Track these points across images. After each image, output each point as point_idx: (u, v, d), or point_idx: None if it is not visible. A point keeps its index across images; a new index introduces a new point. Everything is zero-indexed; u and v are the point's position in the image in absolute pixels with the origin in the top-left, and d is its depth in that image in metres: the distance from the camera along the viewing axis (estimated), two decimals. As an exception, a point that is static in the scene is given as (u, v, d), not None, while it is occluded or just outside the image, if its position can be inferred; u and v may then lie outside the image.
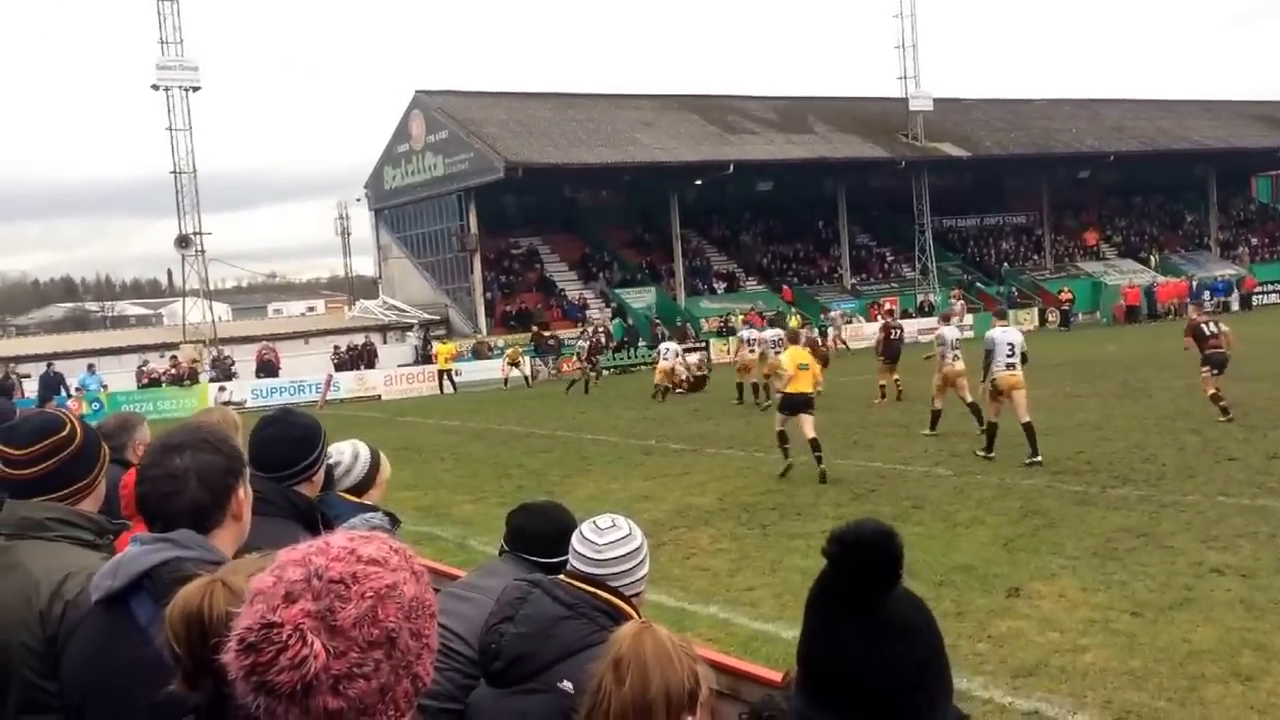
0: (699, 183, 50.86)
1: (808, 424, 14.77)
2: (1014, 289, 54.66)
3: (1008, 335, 15.70)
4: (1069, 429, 17.30)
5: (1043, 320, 51.08)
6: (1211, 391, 17.31)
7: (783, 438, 15.11)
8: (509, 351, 40.31)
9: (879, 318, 45.25)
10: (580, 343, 37.22)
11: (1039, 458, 14.43)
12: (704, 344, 42.69)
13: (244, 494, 2.57)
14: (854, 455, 16.39)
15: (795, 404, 14.99)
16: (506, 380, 38.82)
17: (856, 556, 1.69)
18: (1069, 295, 52.32)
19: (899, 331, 24.88)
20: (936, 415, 18.04)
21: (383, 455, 4.50)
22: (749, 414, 23.23)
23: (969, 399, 17.72)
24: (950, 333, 18.82)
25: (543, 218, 52.37)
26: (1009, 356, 15.16)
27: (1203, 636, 7.13)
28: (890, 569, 1.70)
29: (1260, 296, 54.57)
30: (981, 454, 15.29)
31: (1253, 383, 21.43)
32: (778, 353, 20.04)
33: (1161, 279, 55.58)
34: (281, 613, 1.39)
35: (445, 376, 38.92)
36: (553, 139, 47.45)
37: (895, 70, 54.39)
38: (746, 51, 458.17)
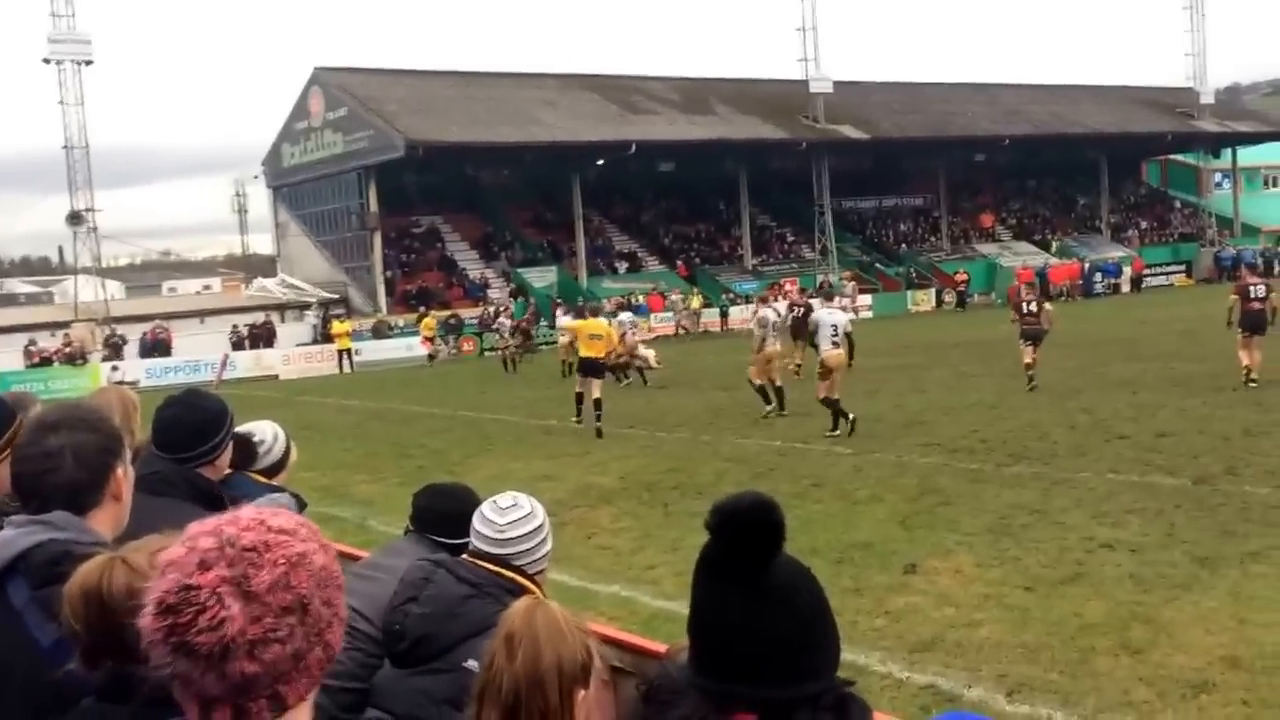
0: (601, 163, 50.77)
1: (595, 386, 17.61)
2: (912, 270, 55.55)
3: (832, 317, 16.72)
4: (964, 408, 17.60)
5: (939, 301, 52.02)
6: (1026, 361, 19.33)
7: (579, 398, 18.00)
8: (424, 324, 39.84)
9: (779, 298, 45.65)
10: (503, 320, 36.57)
11: (837, 431, 15.56)
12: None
13: (123, 474, 2.51)
14: (754, 434, 16.48)
15: (585, 368, 17.88)
16: (433, 356, 38.48)
17: (737, 527, 1.72)
18: (965, 276, 53.34)
19: (804, 310, 25.08)
20: (768, 392, 18.31)
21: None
22: (649, 394, 23.25)
23: (777, 381, 18.46)
24: (769, 314, 19.40)
25: (444, 197, 51.81)
26: (833, 336, 16.14)
27: (1093, 610, 7.27)
28: (770, 538, 1.73)
29: (1149, 279, 56.17)
30: (830, 434, 15.71)
31: (1143, 362, 22.06)
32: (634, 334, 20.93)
33: (1055, 261, 56.94)
34: (197, 577, 1.42)
35: (345, 356, 38.38)
36: (454, 117, 46.92)
37: (796, 52, 54.86)
38: (648, 31, 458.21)
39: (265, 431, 4.32)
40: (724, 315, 46.74)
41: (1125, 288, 54.23)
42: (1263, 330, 17.80)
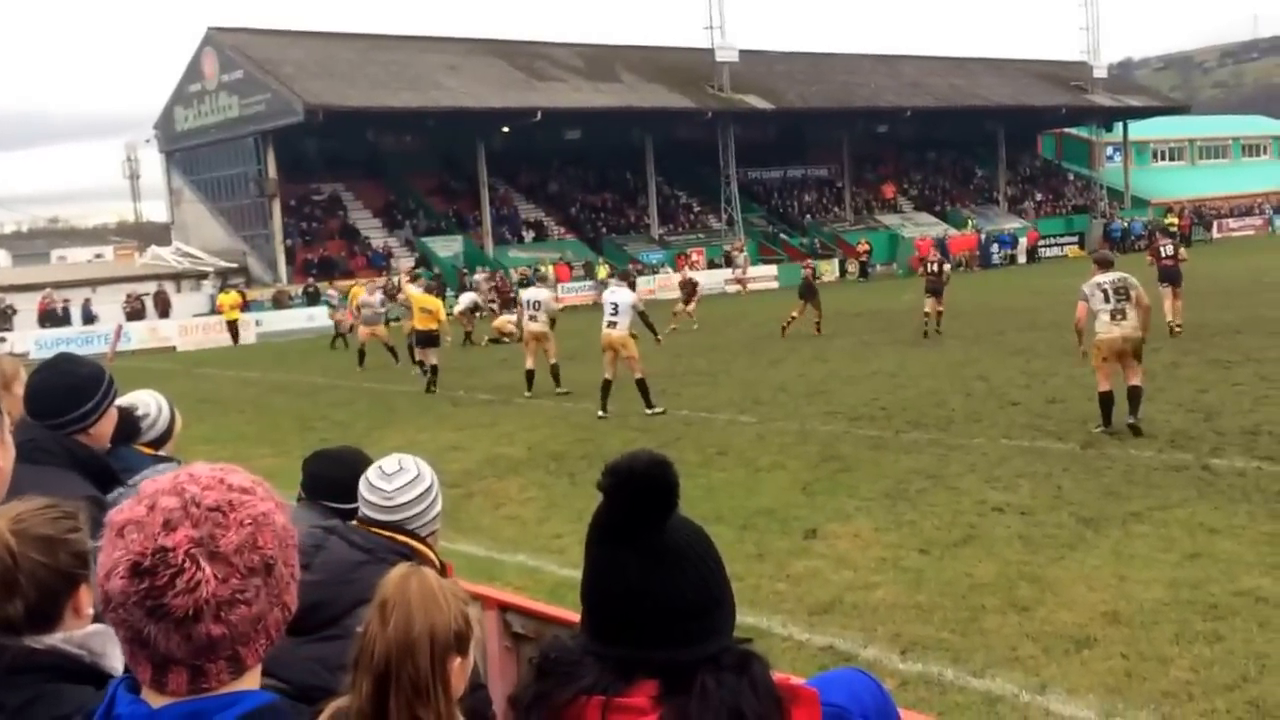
0: (506, 130, 50.35)
1: (431, 354, 19.86)
2: (816, 240, 56.19)
3: (612, 295, 16.66)
4: (866, 377, 17.95)
5: (843, 271, 52.72)
6: (926, 311, 23.17)
7: (421, 365, 20.26)
8: (354, 292, 38.23)
9: (686, 269, 45.94)
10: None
11: (602, 413, 15.63)
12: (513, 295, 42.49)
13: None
14: (660, 404, 16.61)
15: (420, 339, 20.05)
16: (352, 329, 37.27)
17: (630, 488, 1.68)
18: (867, 247, 54.11)
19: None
20: (539, 374, 18.46)
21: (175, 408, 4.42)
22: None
23: (553, 360, 18.54)
24: (529, 293, 19.54)
25: (345, 163, 50.95)
26: (611, 315, 16.00)
27: (984, 571, 7.53)
28: (664, 499, 1.69)
29: (1044, 250, 57.54)
30: (601, 414, 15.67)
31: (1038, 331, 22.64)
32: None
33: (954, 232, 58.03)
34: (166, 538, 1.41)
35: (234, 326, 37.57)
36: (355, 81, 46.09)
37: (702, 20, 54.92)
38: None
39: (147, 403, 4.22)
40: (631, 286, 46.78)
41: (1021, 258, 55.47)
42: (1178, 282, 20.53)
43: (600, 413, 15.64)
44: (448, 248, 48.39)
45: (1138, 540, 7.98)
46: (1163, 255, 21.84)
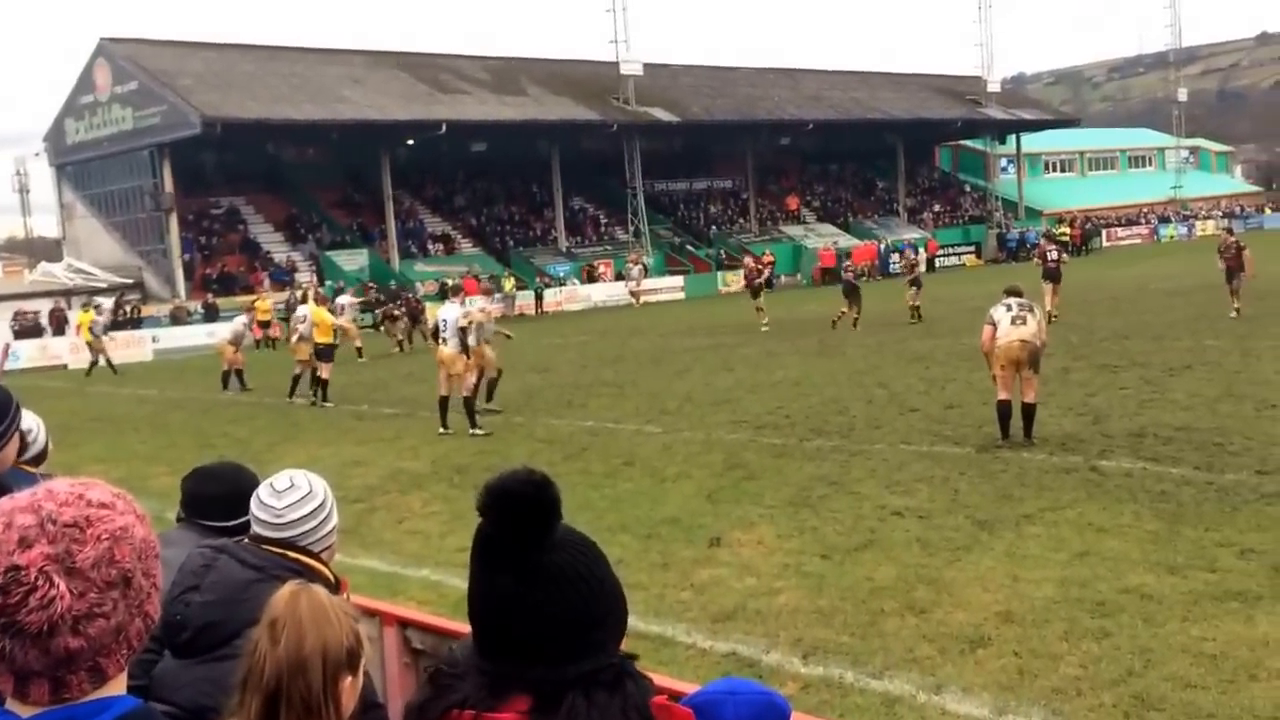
0: (411, 142, 50.05)
1: (324, 368, 20.05)
2: (722, 251, 56.64)
3: (443, 313, 16.36)
4: (770, 386, 18.14)
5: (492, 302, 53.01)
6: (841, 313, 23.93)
7: (312, 378, 20.41)
8: (260, 307, 37.32)
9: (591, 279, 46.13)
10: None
11: (448, 429, 15.55)
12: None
13: None
14: (567, 415, 16.64)
15: (318, 353, 20.19)
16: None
17: (508, 505, 1.69)
18: (771, 257, 54.60)
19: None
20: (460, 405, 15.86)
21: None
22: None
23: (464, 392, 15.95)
24: (441, 311, 16.84)
25: (245, 176, 50.14)
26: (443, 332, 15.94)
27: (883, 574, 7.68)
28: (543, 516, 1.71)
29: (942, 259, 58.69)
30: (481, 432, 15.28)
31: (936, 339, 23.13)
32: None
33: (856, 242, 58.93)
34: (21, 556, 1.43)
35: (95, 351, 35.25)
36: (254, 93, 45.39)
37: (606, 33, 55.12)
38: (455, 8, 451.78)
39: (27, 421, 4.16)
40: (539, 298, 46.77)
41: (921, 268, 56.40)
42: (1058, 280, 25.67)
43: (441, 429, 15.58)
44: (352, 261, 47.83)
45: (1030, 541, 8.21)
46: (1048, 258, 26.42)
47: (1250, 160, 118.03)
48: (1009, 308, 12.02)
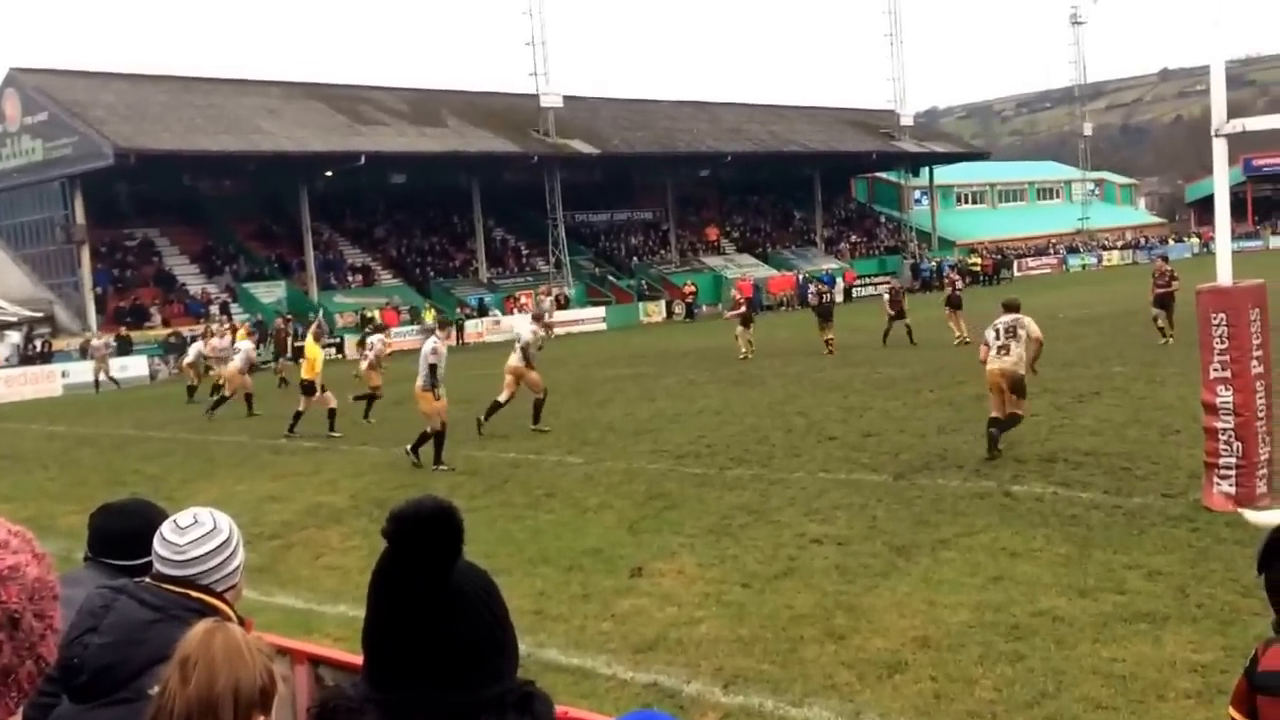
0: (329, 174, 49.64)
1: (301, 402, 19.94)
2: (643, 282, 56.90)
3: (430, 345, 15.52)
4: (692, 415, 18.23)
5: (669, 312, 53.51)
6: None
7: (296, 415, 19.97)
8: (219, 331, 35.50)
9: (514, 311, 46.06)
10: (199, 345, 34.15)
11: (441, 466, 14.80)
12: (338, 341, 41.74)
13: None
14: (489, 446, 16.57)
15: (302, 387, 20.03)
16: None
17: (415, 534, 1.70)
18: (693, 288, 55.14)
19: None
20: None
21: None
22: (383, 410, 22.92)
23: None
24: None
25: (160, 208, 49.28)
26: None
27: (803, 602, 7.76)
28: (448, 544, 1.72)
29: (859, 289, 59.52)
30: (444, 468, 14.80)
31: (853, 367, 23.43)
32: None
33: (775, 273, 59.60)
34: None
35: None
36: (169, 124, 44.73)
37: (526, 66, 55.26)
38: (373, 41, 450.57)
39: None
40: (460, 329, 46.48)
41: (839, 298, 57.22)
42: (960, 306, 28.21)
43: (435, 466, 14.88)
44: (270, 293, 47.22)
45: (946, 566, 8.34)
46: (956, 287, 30.56)
47: (1153, 192, 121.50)
48: (997, 333, 12.94)
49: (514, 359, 18.12)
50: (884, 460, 12.86)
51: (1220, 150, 9.65)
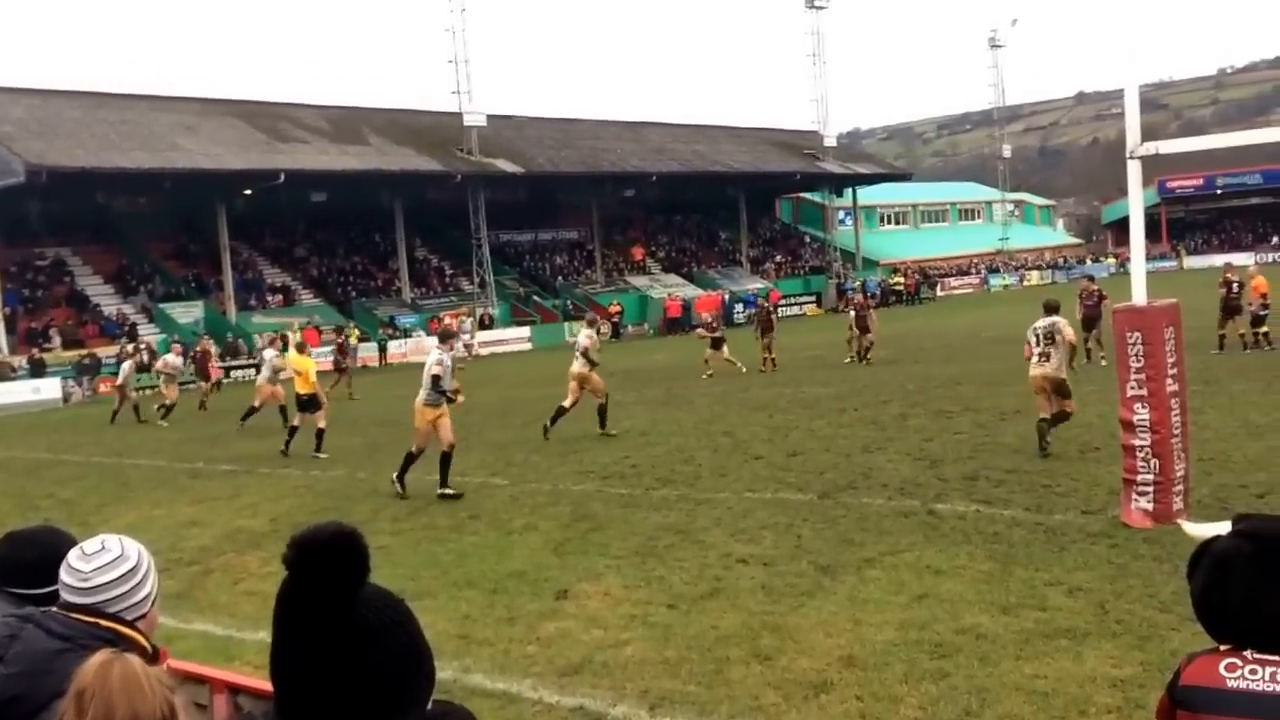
0: (248, 192, 48.95)
1: (308, 417, 19.34)
2: (569, 302, 56.83)
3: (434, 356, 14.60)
4: (618, 435, 18.18)
5: (597, 331, 53.40)
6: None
7: (291, 431, 19.47)
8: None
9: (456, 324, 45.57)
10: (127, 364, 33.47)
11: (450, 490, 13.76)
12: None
13: None
14: (412, 469, 16.34)
15: (299, 404, 19.36)
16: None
17: (316, 561, 1.66)
18: (619, 308, 55.19)
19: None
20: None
21: None
22: (306, 431, 22.58)
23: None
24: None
25: (73, 226, 48.28)
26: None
27: (729, 622, 7.73)
28: (352, 571, 1.68)
29: (785, 309, 59.96)
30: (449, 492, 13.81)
31: (778, 386, 23.55)
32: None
33: (701, 292, 59.86)
34: None
35: None
36: (82, 141, 43.81)
37: (449, 85, 55.05)
38: (293, 58, 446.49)
39: None
40: (382, 350, 46.09)
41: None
42: (867, 329, 27.89)
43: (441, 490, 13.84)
44: (187, 314, 46.44)
45: (871, 585, 8.37)
46: (865, 307, 29.82)
47: (1071, 213, 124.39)
48: (1037, 339, 13.79)
49: (576, 365, 18.71)
50: (809, 479, 12.91)
51: (1134, 172, 9.86)
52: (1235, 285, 23.82)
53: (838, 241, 73.33)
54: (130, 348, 39.00)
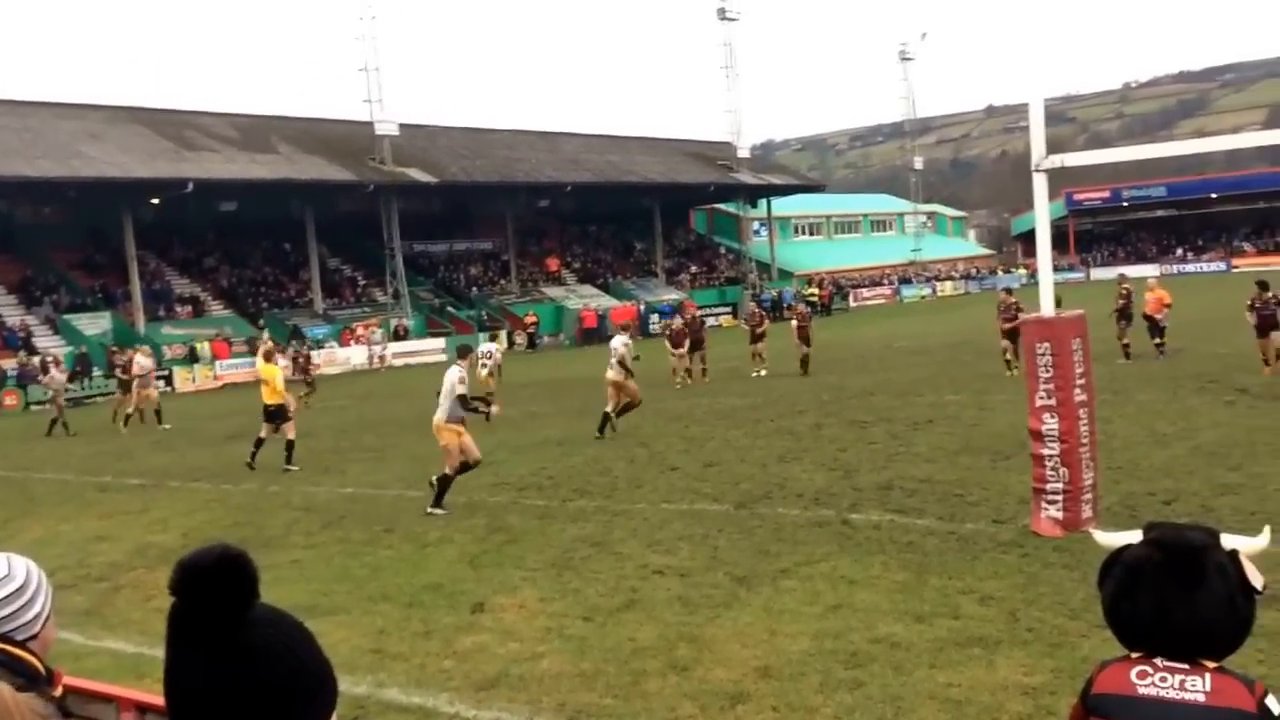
0: (155, 201, 47.90)
1: (264, 429, 18.25)
2: (484, 312, 56.50)
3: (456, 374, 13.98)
4: (533, 447, 18.10)
5: (511, 342, 53.23)
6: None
7: (258, 442, 18.20)
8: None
9: (352, 343, 45.33)
10: (55, 374, 32.41)
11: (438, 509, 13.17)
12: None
13: None
14: (325, 482, 16.15)
15: (266, 414, 18.15)
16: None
17: (202, 584, 1.63)
18: (534, 318, 55.02)
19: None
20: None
21: None
22: (217, 445, 22.18)
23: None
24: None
25: (-27, 236, 46.83)
26: (438, 396, 13.99)
27: (645, 634, 7.72)
28: (237, 595, 1.65)
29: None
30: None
31: (695, 398, 23.64)
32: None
33: (616, 303, 59.91)
34: None
35: None
36: (-17, 148, 42.55)
37: (361, 93, 54.47)
38: (201, 65, 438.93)
39: None
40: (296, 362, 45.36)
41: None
42: (808, 342, 27.33)
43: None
44: (94, 325, 45.27)
45: (786, 595, 8.42)
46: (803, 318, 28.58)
47: (981, 225, 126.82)
48: None
49: (612, 373, 19.22)
50: (725, 490, 12.96)
51: (1040, 185, 10.06)
52: (1128, 293, 24.63)
53: (753, 252, 73.92)
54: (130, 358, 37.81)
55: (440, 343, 50.17)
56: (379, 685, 7.07)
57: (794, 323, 28.94)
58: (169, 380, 40.38)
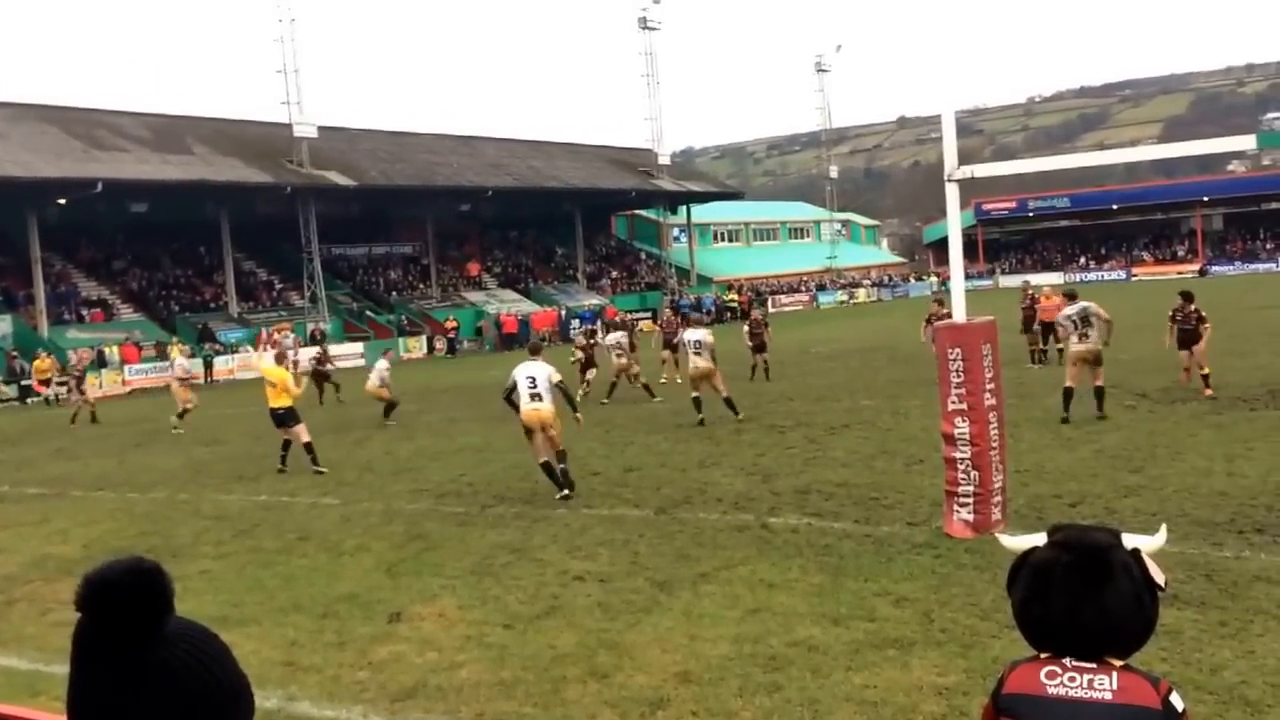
0: (62, 201, 46.69)
1: (289, 432, 17.19)
2: (403, 317, 55.95)
3: (528, 370, 14.04)
4: (453, 453, 17.96)
5: (431, 348, 52.78)
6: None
7: (286, 445, 17.38)
8: (36, 366, 31.64)
9: (265, 346, 44.57)
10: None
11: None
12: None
13: None
14: (238, 489, 15.85)
15: (275, 418, 17.36)
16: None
17: (109, 600, 1.58)
18: (455, 323, 54.60)
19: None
20: None
21: None
22: (122, 452, 21.67)
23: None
24: (534, 370, 14.20)
25: None
26: (530, 388, 13.80)
27: (565, 641, 7.68)
28: (147, 610, 1.60)
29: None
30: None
31: (616, 403, 23.62)
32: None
33: (538, 308, 59.74)
34: None
35: None
36: (-121, 145, 41.15)
37: (279, 95, 53.69)
38: (112, 63, 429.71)
39: None
40: (208, 365, 44.54)
41: (600, 334, 57.83)
42: (764, 350, 26.79)
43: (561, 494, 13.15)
44: (-5, 328, 44.02)
45: (706, 600, 8.43)
46: (759, 331, 27.29)
47: (894, 233, 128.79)
48: (1074, 323, 16.35)
49: (702, 361, 19.27)
50: (646, 495, 12.96)
51: (953, 195, 10.22)
52: (1031, 300, 25.81)
53: (673, 258, 74.15)
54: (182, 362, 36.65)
55: (358, 347, 49.55)
56: (290, 699, 6.93)
57: (746, 328, 27.71)
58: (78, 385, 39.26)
